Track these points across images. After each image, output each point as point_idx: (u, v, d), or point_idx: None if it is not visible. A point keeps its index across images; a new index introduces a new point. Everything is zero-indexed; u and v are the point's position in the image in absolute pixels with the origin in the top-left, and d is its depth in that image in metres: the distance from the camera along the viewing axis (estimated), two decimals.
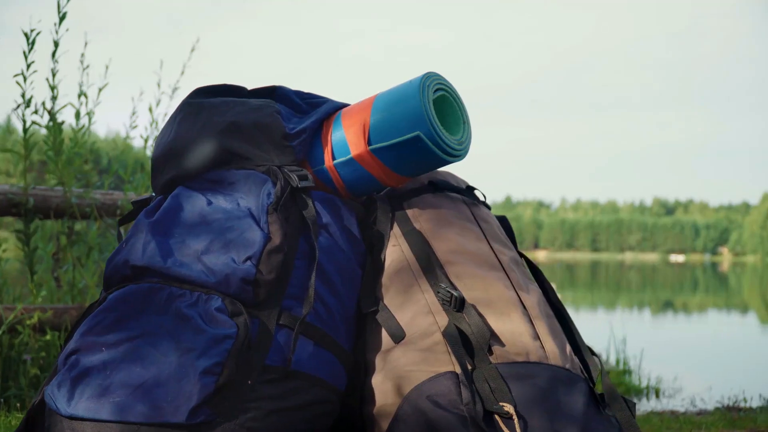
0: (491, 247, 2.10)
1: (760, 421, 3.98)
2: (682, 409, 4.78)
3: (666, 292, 23.95)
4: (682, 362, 7.79)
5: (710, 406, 4.82)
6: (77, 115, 4.78)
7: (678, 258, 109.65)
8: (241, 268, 1.84)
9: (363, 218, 2.14)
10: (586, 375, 2.02)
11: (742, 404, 4.76)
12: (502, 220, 2.28)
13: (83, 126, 4.73)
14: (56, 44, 4.46)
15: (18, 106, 4.36)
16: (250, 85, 2.26)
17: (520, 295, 2.01)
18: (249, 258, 1.85)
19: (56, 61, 4.53)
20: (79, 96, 4.82)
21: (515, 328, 1.92)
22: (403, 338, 1.94)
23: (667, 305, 17.91)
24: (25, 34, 4.25)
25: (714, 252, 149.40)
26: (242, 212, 1.92)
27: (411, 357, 1.91)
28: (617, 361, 6.14)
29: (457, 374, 1.84)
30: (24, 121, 4.29)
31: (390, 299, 2.01)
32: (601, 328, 7.10)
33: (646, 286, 28.48)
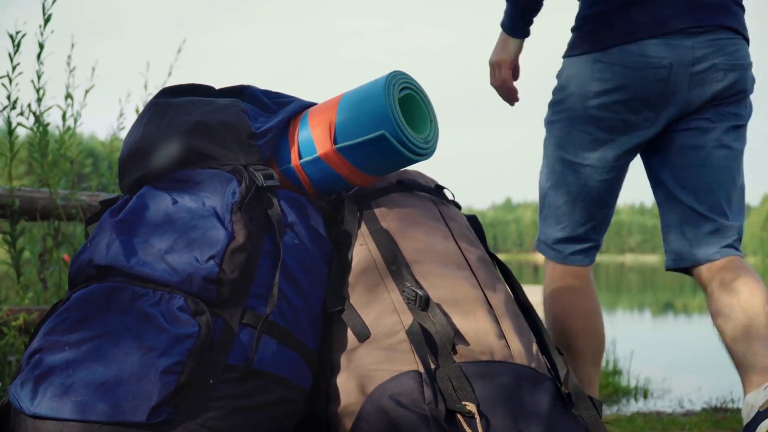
0: (458, 246, 2.10)
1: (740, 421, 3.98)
2: (669, 410, 4.78)
3: (666, 294, 23.93)
4: (674, 363, 7.79)
5: (698, 407, 4.81)
6: (63, 117, 4.78)
7: None
8: (204, 267, 1.84)
9: (330, 217, 2.14)
10: (552, 374, 2.01)
11: (729, 405, 4.76)
12: (472, 220, 2.28)
13: (69, 128, 4.73)
14: (41, 46, 4.45)
15: (3, 108, 4.36)
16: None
17: (486, 293, 2.00)
18: (212, 257, 1.85)
19: (41, 63, 4.53)
20: (66, 98, 4.83)
21: (480, 327, 1.92)
22: (368, 337, 1.94)
23: (667, 307, 17.91)
24: (11, 36, 4.24)
25: None
26: (207, 211, 1.92)
27: (375, 356, 1.90)
28: (606, 362, 6.12)
29: (420, 373, 1.83)
30: (9, 123, 4.29)
31: (356, 298, 2.01)
32: None
33: (646, 287, 28.46)
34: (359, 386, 1.89)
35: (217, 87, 2.24)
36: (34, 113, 4.48)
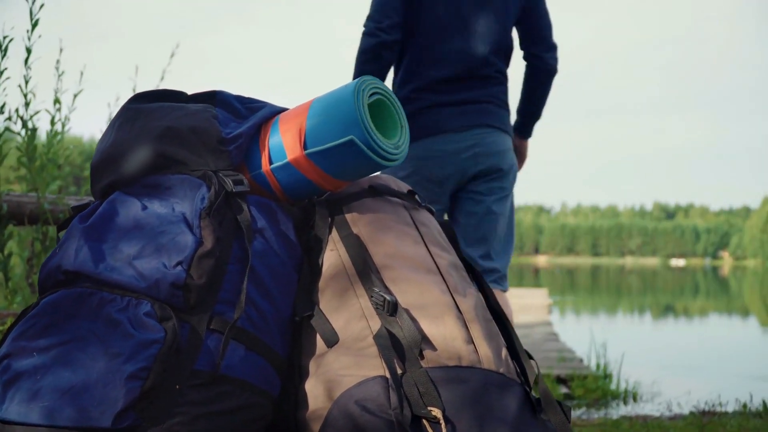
0: (429, 251, 2.10)
1: (729, 426, 3.98)
2: (657, 414, 4.78)
3: (666, 297, 23.92)
4: (670, 366, 7.80)
5: (687, 411, 4.82)
6: (52, 122, 4.78)
7: (679, 262, 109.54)
8: (172, 272, 1.84)
9: (301, 222, 2.14)
10: (522, 379, 2.01)
11: (718, 409, 4.76)
12: (445, 225, 2.28)
13: (56, 132, 4.74)
14: (29, 51, 4.47)
15: None
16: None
17: (456, 299, 2.01)
18: (180, 263, 1.85)
19: (29, 68, 4.54)
20: (55, 102, 4.83)
21: (448, 333, 1.92)
22: (336, 342, 1.94)
23: (667, 310, 17.90)
24: None
25: (714, 256, 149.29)
26: (176, 217, 1.92)
27: (343, 361, 1.91)
28: (597, 366, 6.14)
29: (386, 378, 1.83)
30: None
31: (325, 303, 2.01)
32: (585, 333, 7.08)
33: (646, 290, 28.46)
34: (326, 391, 1.89)
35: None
36: (22, 118, 4.49)
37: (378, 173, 2.23)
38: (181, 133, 2.04)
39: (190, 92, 2.23)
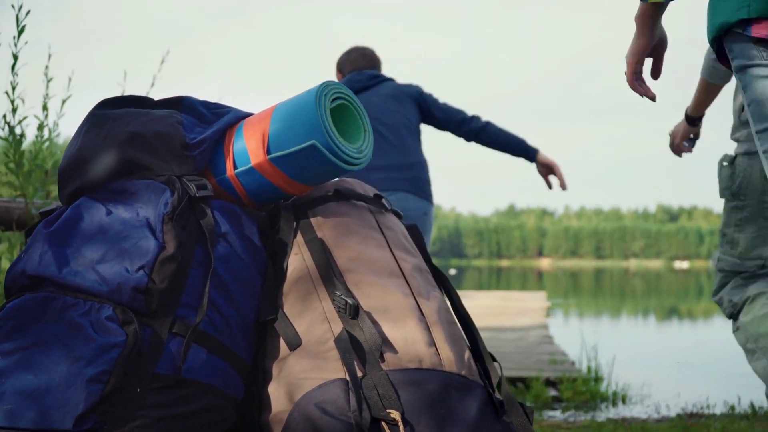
0: (393, 254, 2.11)
1: (713, 428, 3.99)
2: (644, 416, 4.79)
3: (668, 299, 23.89)
4: (662, 368, 7.79)
5: (674, 413, 4.83)
6: (40, 127, 4.80)
7: (682, 264, 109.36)
8: (134, 277, 1.86)
9: (266, 227, 2.16)
10: (485, 381, 2.02)
11: (706, 411, 4.77)
12: (412, 229, 2.29)
13: (45, 138, 4.76)
14: (15, 57, 4.47)
15: None
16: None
17: (419, 302, 2.02)
18: (142, 267, 1.87)
19: (16, 74, 4.55)
20: (43, 108, 4.85)
21: (409, 335, 1.93)
22: (299, 346, 1.96)
23: (669, 312, 17.88)
24: None
25: None
26: (140, 222, 1.94)
27: (304, 364, 1.92)
28: (589, 369, 6.13)
29: (346, 381, 1.85)
30: None
31: (289, 307, 2.03)
32: (583, 336, 7.09)
33: (649, 293, 28.43)
34: (288, 394, 1.91)
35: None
36: (8, 124, 4.50)
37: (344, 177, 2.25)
38: (145, 139, 2.06)
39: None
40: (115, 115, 2.12)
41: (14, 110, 4.56)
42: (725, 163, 3.24)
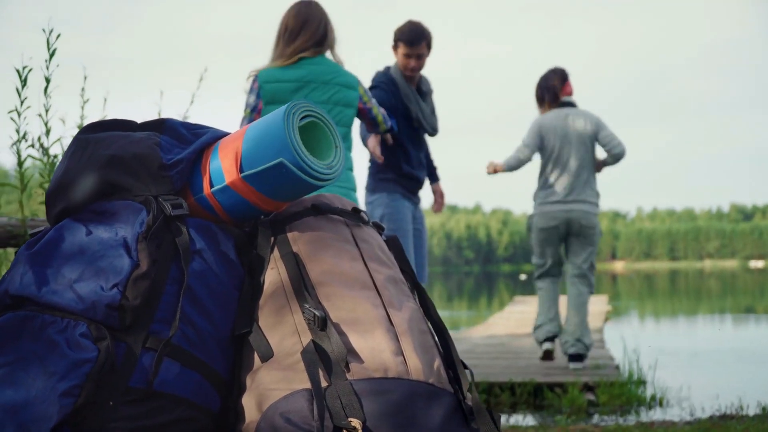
0: (367, 266, 2.16)
1: (733, 429, 3.97)
2: (676, 419, 4.77)
3: (744, 299, 23.52)
4: (707, 371, 7.72)
5: (707, 415, 4.79)
6: None
7: (758, 264, 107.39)
8: (107, 294, 1.95)
9: (244, 243, 2.23)
10: (455, 389, 2.06)
11: (740, 413, 4.74)
12: (391, 241, 2.33)
13: None
14: (47, 80, 4.61)
15: (14, 143, 4.52)
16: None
17: (389, 312, 2.07)
18: (116, 285, 1.95)
19: (49, 97, 4.69)
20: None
21: (376, 345, 1.98)
22: (271, 357, 2.02)
23: (747, 312, 17.61)
24: (18, 72, 4.41)
25: None
26: (117, 241, 2.02)
27: (273, 376, 1.98)
28: (630, 373, 6.09)
29: (311, 391, 1.91)
30: (19, 155, 4.45)
31: (264, 320, 2.09)
32: (638, 340, 7.04)
33: (726, 293, 28.00)
34: (257, 405, 1.97)
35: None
36: (42, 145, 4.64)
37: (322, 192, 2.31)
38: (124, 161, 2.14)
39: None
40: (97, 139, 2.21)
41: (48, 132, 4.69)
42: None
